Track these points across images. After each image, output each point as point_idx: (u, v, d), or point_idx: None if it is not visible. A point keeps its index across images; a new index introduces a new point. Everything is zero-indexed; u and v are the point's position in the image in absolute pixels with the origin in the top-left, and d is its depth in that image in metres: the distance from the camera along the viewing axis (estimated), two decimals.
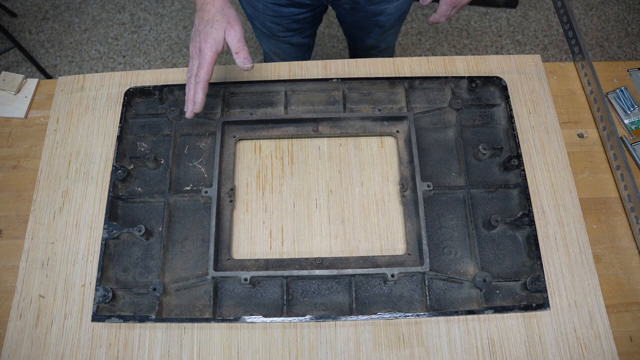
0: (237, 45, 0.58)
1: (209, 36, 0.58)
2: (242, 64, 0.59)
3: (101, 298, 0.58)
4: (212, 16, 0.58)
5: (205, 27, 0.58)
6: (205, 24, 0.58)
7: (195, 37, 0.60)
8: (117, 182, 0.64)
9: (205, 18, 0.59)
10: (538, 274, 0.58)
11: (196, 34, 0.60)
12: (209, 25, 0.58)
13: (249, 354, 0.57)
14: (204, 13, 0.59)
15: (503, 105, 0.69)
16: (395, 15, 0.91)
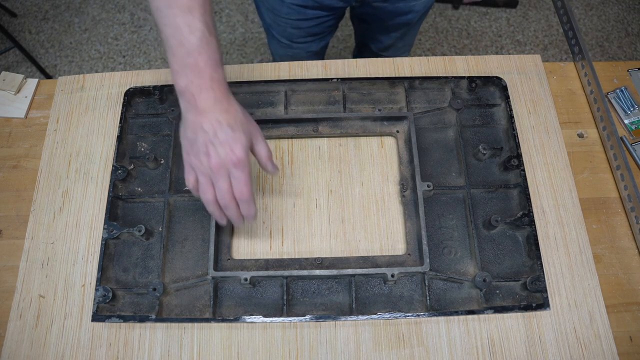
0: (267, 151, 0.50)
1: (237, 141, 0.46)
2: (273, 170, 0.52)
3: (101, 298, 0.58)
4: (226, 115, 0.46)
5: (221, 131, 0.45)
6: (218, 126, 0.45)
7: (197, 144, 0.46)
8: (117, 182, 0.64)
9: (216, 117, 0.45)
10: (538, 274, 0.58)
11: (201, 140, 0.45)
12: (227, 129, 0.46)
13: (249, 354, 0.57)
14: (202, 102, 0.45)
15: (503, 105, 0.69)
16: (422, 12, 0.88)
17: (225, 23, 1.72)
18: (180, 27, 0.43)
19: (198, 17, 0.44)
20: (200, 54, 0.44)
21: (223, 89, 0.47)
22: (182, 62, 0.44)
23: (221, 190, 0.47)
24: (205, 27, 0.45)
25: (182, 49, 0.44)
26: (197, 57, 0.44)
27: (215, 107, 0.45)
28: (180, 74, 0.45)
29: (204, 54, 0.44)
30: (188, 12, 0.43)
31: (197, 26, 0.44)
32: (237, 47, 1.69)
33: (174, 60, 0.45)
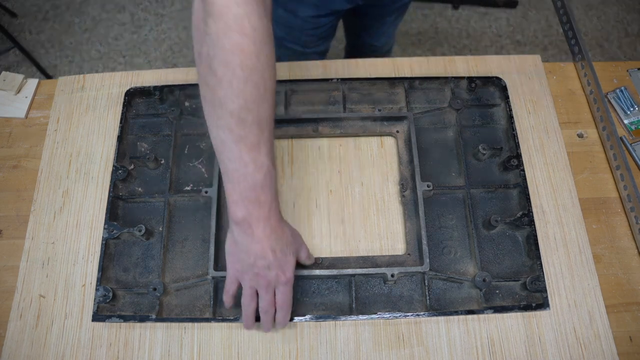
0: (308, 254, 0.54)
1: (288, 264, 0.49)
2: (312, 261, 0.55)
3: (101, 298, 0.58)
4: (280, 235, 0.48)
5: (275, 257, 0.47)
6: (272, 253, 0.47)
7: (250, 265, 0.48)
8: (117, 182, 0.65)
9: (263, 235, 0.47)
10: (538, 274, 0.59)
11: (254, 263, 0.47)
12: (281, 255, 0.48)
13: (249, 354, 0.57)
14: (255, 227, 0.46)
15: (503, 106, 0.69)
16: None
17: None
18: (247, 163, 0.43)
19: (264, 153, 0.44)
20: (262, 189, 0.44)
21: (278, 216, 0.48)
22: (243, 195, 0.44)
23: (265, 301, 0.50)
24: (270, 162, 0.45)
25: (245, 183, 0.44)
26: (259, 192, 0.44)
27: (270, 236, 0.47)
28: (239, 205, 0.45)
29: (266, 189, 0.45)
30: (256, 148, 0.43)
31: (263, 162, 0.44)
32: None
33: (234, 191, 0.44)
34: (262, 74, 0.41)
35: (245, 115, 0.41)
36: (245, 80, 0.40)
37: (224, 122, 0.42)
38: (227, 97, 0.41)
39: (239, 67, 0.40)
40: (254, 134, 0.42)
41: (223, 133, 0.42)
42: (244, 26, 0.39)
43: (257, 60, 0.40)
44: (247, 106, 0.41)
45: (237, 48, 0.39)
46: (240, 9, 0.39)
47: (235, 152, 0.43)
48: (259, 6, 0.40)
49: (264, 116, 0.43)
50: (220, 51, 0.39)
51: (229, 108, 0.41)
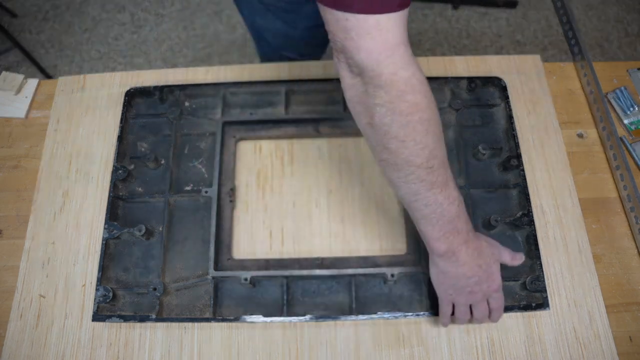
0: (511, 254, 0.54)
1: (493, 274, 0.51)
2: (521, 260, 0.55)
3: (101, 298, 0.58)
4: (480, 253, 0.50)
5: (481, 272, 0.50)
6: (479, 270, 0.50)
7: (461, 287, 0.50)
8: (117, 182, 0.65)
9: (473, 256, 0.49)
10: (537, 274, 0.59)
11: (465, 284, 0.50)
12: (486, 268, 0.50)
13: (249, 354, 0.57)
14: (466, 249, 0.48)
15: (502, 106, 0.69)
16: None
17: (225, 23, 1.72)
18: (441, 203, 0.45)
19: (452, 187, 0.46)
20: (459, 218, 0.46)
21: (474, 236, 0.49)
22: (443, 230, 0.46)
23: (480, 312, 0.53)
24: (458, 192, 0.47)
25: (442, 219, 0.46)
26: (457, 222, 0.46)
27: (472, 257, 0.49)
28: (441, 240, 0.47)
29: (461, 216, 0.47)
30: (445, 186, 0.45)
31: (454, 195, 0.46)
32: (238, 47, 1.69)
33: (434, 230, 0.46)
34: (436, 121, 0.43)
35: (432, 163, 0.43)
36: (426, 132, 0.42)
37: (414, 177, 0.43)
38: (413, 154, 0.42)
39: (418, 123, 0.41)
40: (442, 174, 0.44)
41: (415, 185, 0.44)
42: (415, 85, 0.40)
43: (431, 111, 0.42)
44: (432, 154, 0.43)
45: (414, 107, 0.40)
46: (407, 71, 0.40)
47: (430, 198, 0.44)
48: (415, 59, 0.41)
49: (444, 155, 0.45)
50: (399, 116, 0.40)
51: (416, 163, 0.42)
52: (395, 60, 0.39)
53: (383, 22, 0.38)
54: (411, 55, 0.41)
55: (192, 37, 1.70)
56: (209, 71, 0.74)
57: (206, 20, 1.73)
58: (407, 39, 0.41)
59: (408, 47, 0.41)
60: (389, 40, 0.38)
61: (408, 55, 0.40)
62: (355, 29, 0.38)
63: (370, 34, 0.38)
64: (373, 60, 0.39)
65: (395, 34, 0.39)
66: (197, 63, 1.66)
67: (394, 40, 0.39)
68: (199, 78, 0.74)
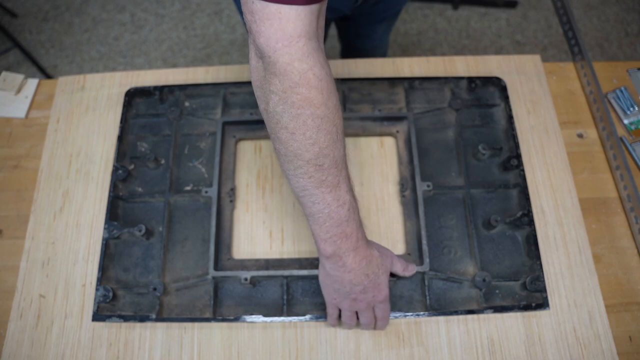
0: (404, 265, 0.54)
1: (381, 284, 0.50)
2: (412, 272, 0.56)
3: (102, 298, 0.59)
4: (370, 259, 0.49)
5: (368, 281, 0.49)
6: (365, 278, 0.49)
7: (346, 293, 0.50)
8: (117, 182, 0.65)
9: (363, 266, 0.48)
10: (537, 274, 0.59)
11: (350, 290, 0.49)
12: (373, 277, 0.49)
13: (249, 354, 0.57)
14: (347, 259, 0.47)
15: (502, 106, 0.69)
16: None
17: (225, 23, 1.72)
18: (329, 203, 0.44)
19: (345, 190, 0.45)
20: (348, 223, 0.45)
21: (365, 244, 0.48)
22: (330, 232, 0.45)
23: (366, 319, 0.53)
24: (350, 196, 0.46)
25: (330, 221, 0.45)
26: (345, 227, 0.45)
27: (361, 263, 0.48)
28: (327, 242, 0.46)
29: (351, 222, 0.46)
30: (336, 188, 0.44)
31: (345, 199, 0.45)
32: (237, 47, 1.69)
33: (320, 230, 0.45)
34: (332, 121, 0.42)
35: (322, 161, 0.42)
36: (318, 129, 0.41)
37: (302, 171, 0.43)
38: (302, 148, 0.41)
39: (310, 118, 0.40)
40: (333, 175, 0.43)
41: (303, 180, 0.43)
42: (310, 79, 0.39)
43: (327, 109, 0.41)
44: (322, 152, 0.42)
45: (306, 102, 0.40)
46: (303, 64, 0.39)
47: (318, 196, 0.44)
48: (320, 55, 0.40)
49: (339, 156, 0.44)
50: (290, 107, 0.40)
51: (305, 157, 0.42)
52: (291, 51, 0.38)
53: (285, 11, 0.37)
54: (315, 50, 0.40)
55: (192, 37, 1.70)
56: (209, 71, 0.74)
57: (206, 20, 1.73)
58: (313, 33, 0.39)
59: (312, 42, 0.39)
60: (288, 30, 0.38)
61: (309, 48, 0.39)
62: (259, 13, 0.38)
63: (270, 21, 0.37)
64: (270, 47, 0.38)
65: (297, 26, 0.38)
66: (197, 63, 1.66)
67: (293, 31, 0.38)
68: (199, 78, 0.74)
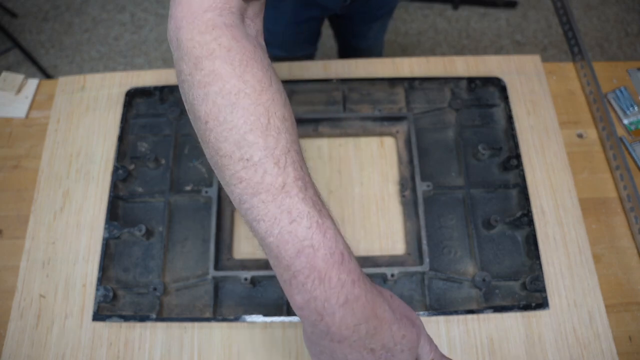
0: (434, 349, 0.34)
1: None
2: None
3: (102, 298, 0.59)
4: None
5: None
6: (371, 356, 0.30)
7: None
8: (117, 182, 0.65)
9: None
10: (537, 274, 0.59)
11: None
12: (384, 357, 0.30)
13: (249, 354, 0.57)
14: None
15: (502, 106, 0.69)
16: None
17: None
18: (277, 217, 0.29)
19: (297, 195, 0.30)
20: (315, 250, 0.29)
21: (365, 294, 0.29)
22: (291, 268, 0.29)
23: None
24: (311, 206, 0.30)
25: (286, 246, 0.29)
26: (312, 257, 0.29)
27: (359, 331, 0.29)
28: (293, 287, 0.29)
29: (321, 248, 0.29)
30: (281, 192, 0.30)
31: (299, 209, 0.29)
32: None
33: (279, 265, 0.30)
34: (255, 99, 0.31)
35: (249, 153, 0.30)
36: (232, 107, 0.31)
37: (229, 173, 0.31)
38: (220, 137, 0.31)
39: (218, 95, 0.31)
40: (273, 174, 0.30)
41: (235, 187, 0.31)
42: (213, 49, 0.32)
43: (242, 82, 0.31)
44: (246, 139, 0.30)
45: (212, 76, 0.31)
46: (207, 35, 0.33)
47: (258, 208, 0.30)
48: (233, 29, 0.34)
49: (281, 148, 0.31)
50: (197, 89, 0.32)
51: (226, 150, 0.31)
52: (194, 25, 0.33)
53: None
54: (225, 24, 0.33)
55: None
56: None
57: None
58: (226, 9, 0.34)
59: (224, 17, 0.34)
60: (193, 6, 0.34)
61: (217, 22, 0.33)
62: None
63: (180, 2, 0.34)
64: (175, 27, 0.34)
65: (203, 2, 0.33)
66: None
67: (199, 7, 0.33)
68: None
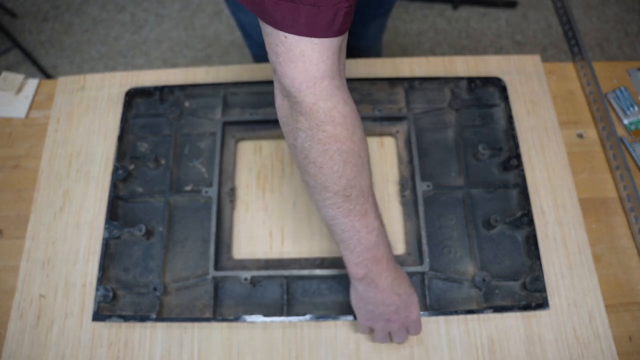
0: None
1: (413, 304, 0.51)
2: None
3: (102, 298, 0.59)
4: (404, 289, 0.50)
5: (400, 300, 0.50)
6: (398, 298, 0.50)
7: (379, 314, 0.51)
8: (117, 182, 0.65)
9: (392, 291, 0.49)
10: (537, 274, 0.59)
11: (384, 311, 0.50)
12: (405, 297, 0.50)
13: (249, 354, 0.57)
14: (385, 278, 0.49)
15: (502, 106, 0.69)
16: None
17: (225, 23, 1.72)
18: (359, 230, 0.45)
19: (373, 217, 0.46)
20: (377, 247, 0.47)
21: (394, 265, 0.50)
22: (361, 257, 0.47)
23: (400, 338, 0.54)
24: (379, 222, 0.47)
25: (360, 246, 0.46)
26: (375, 251, 0.47)
27: (392, 284, 0.49)
28: (359, 266, 0.47)
29: (381, 246, 0.47)
30: (364, 216, 0.45)
31: (373, 225, 0.46)
32: (237, 47, 1.69)
33: (351, 255, 0.47)
34: (358, 153, 0.43)
35: (350, 192, 0.44)
36: (345, 162, 0.42)
37: (331, 202, 0.44)
38: (330, 181, 0.43)
39: (336, 153, 0.42)
40: (361, 204, 0.45)
41: (332, 210, 0.45)
42: (335, 117, 0.41)
43: (352, 143, 0.42)
44: (350, 184, 0.43)
45: (332, 138, 0.41)
46: (328, 102, 0.40)
47: (347, 224, 0.45)
48: (343, 92, 0.42)
49: (365, 186, 0.45)
50: (317, 144, 0.41)
51: (333, 190, 0.43)
52: (315, 91, 0.40)
53: (307, 52, 0.38)
54: (338, 88, 0.41)
55: (192, 37, 1.70)
56: (208, 71, 0.74)
57: (206, 20, 1.73)
58: (335, 72, 0.41)
59: (335, 80, 0.41)
60: (311, 72, 0.39)
61: (333, 87, 0.40)
62: (283, 55, 0.39)
63: (294, 63, 0.39)
64: (295, 88, 0.40)
65: (319, 67, 0.39)
66: (197, 63, 1.66)
67: (317, 72, 0.39)
68: (199, 78, 0.74)
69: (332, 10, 0.37)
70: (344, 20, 0.39)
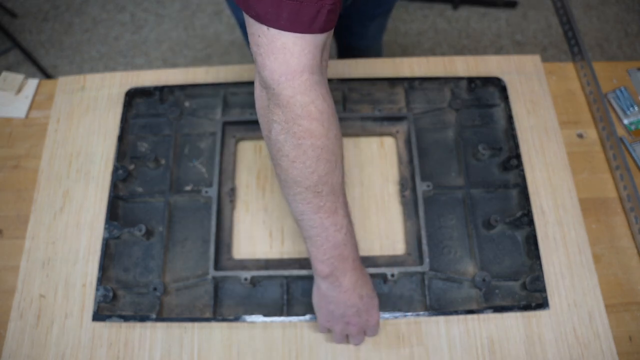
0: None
1: (374, 307, 0.52)
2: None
3: (102, 298, 0.59)
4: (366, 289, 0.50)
5: (362, 303, 0.50)
6: (360, 300, 0.50)
7: (340, 316, 0.50)
8: (117, 182, 0.65)
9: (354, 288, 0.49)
10: (537, 274, 0.59)
11: (344, 313, 0.50)
12: (367, 300, 0.50)
13: (249, 354, 0.57)
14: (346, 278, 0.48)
15: (502, 106, 0.69)
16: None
17: (225, 23, 1.72)
18: (327, 227, 0.45)
19: (342, 215, 0.46)
20: (345, 246, 0.47)
21: (360, 265, 0.50)
22: (327, 254, 0.47)
23: (357, 340, 0.54)
24: (348, 221, 0.47)
25: (328, 243, 0.46)
26: (342, 249, 0.47)
27: (356, 285, 0.49)
28: (325, 263, 0.47)
29: (348, 245, 0.47)
30: (334, 213, 0.45)
31: (342, 223, 0.46)
32: (237, 47, 1.69)
33: (318, 252, 0.47)
34: (332, 150, 0.43)
35: (321, 189, 0.43)
36: (318, 158, 0.42)
37: (301, 197, 0.44)
38: (302, 175, 0.43)
39: (310, 148, 0.41)
40: (331, 201, 0.45)
41: (302, 205, 0.45)
42: (311, 112, 0.40)
43: (327, 139, 0.42)
44: (321, 180, 0.43)
45: (307, 133, 0.41)
46: (305, 97, 0.40)
47: (316, 220, 0.45)
48: (322, 88, 0.41)
49: (337, 183, 0.45)
50: (291, 137, 0.41)
51: (304, 185, 0.43)
52: (294, 84, 0.39)
53: (289, 45, 0.38)
54: (317, 83, 0.41)
55: (192, 37, 1.70)
56: (209, 71, 0.74)
57: (206, 20, 1.73)
58: (316, 67, 0.40)
59: (315, 75, 0.40)
60: (292, 65, 0.39)
61: (312, 82, 0.40)
62: (264, 47, 0.39)
63: (275, 55, 0.39)
64: (274, 80, 0.39)
65: (300, 60, 0.39)
66: (197, 63, 1.66)
67: (297, 66, 0.39)
68: (199, 78, 0.74)
69: (314, 7, 0.37)
70: (328, 17, 0.38)
